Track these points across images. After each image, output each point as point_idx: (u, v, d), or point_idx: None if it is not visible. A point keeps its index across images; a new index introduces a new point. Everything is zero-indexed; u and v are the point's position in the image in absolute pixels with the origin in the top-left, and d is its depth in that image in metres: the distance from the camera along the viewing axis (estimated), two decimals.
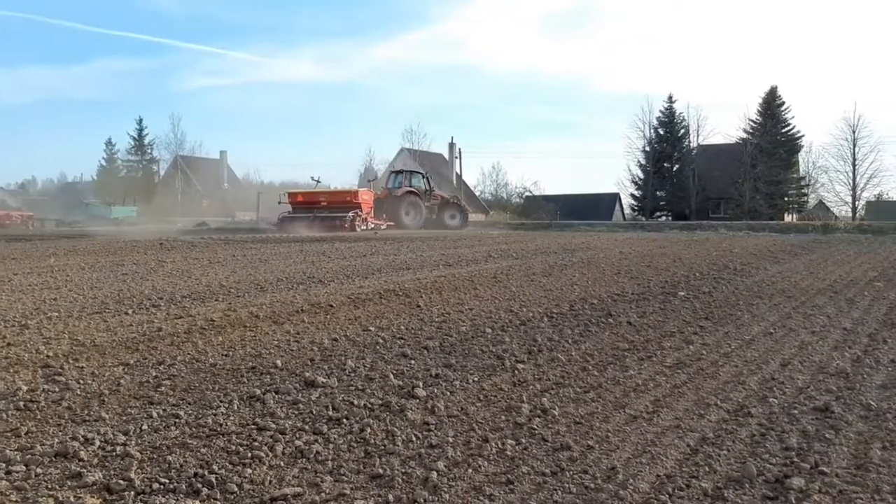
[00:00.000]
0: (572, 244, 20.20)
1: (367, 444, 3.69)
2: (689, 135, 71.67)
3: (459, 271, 11.86)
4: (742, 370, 5.26)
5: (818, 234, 33.81)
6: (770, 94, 69.27)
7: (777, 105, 69.03)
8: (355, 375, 5.01)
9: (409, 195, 36.67)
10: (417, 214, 36.09)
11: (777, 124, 68.35)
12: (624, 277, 11.30)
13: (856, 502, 2.99)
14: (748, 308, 8.16)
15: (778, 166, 65.53)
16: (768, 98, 69.27)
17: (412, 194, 36.84)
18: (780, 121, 68.74)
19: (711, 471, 3.34)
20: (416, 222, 35.69)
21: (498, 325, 6.95)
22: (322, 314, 7.47)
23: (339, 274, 11.25)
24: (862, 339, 6.38)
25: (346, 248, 17.56)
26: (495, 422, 4.05)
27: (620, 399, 4.51)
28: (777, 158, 65.59)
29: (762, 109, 69.20)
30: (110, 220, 50.60)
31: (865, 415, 4.19)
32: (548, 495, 3.08)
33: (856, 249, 18.96)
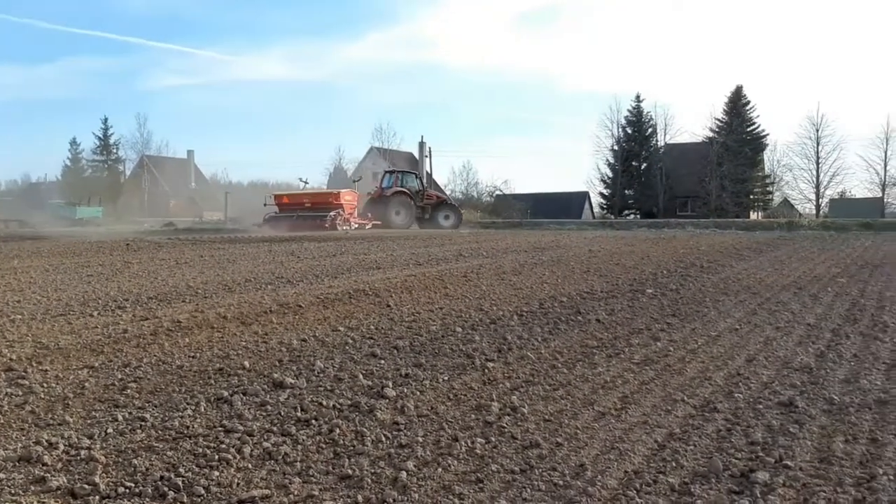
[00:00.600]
0: (542, 243, 20.30)
1: (336, 444, 3.68)
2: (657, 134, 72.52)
3: (430, 270, 11.86)
4: (708, 366, 5.32)
5: (783, 231, 34.35)
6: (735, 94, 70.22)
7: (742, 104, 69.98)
8: (324, 376, 4.99)
9: (398, 195, 36.77)
10: (407, 214, 36.26)
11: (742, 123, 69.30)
12: (593, 275, 11.38)
13: (819, 495, 3.04)
14: (714, 305, 8.27)
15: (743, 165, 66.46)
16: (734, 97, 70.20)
17: (402, 194, 36.90)
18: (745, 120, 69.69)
19: (678, 466, 3.38)
20: (406, 222, 35.84)
21: (468, 324, 6.96)
22: (290, 315, 7.42)
23: (308, 274, 11.19)
24: (825, 335, 6.49)
25: (316, 248, 17.47)
26: (465, 421, 4.05)
27: (589, 396, 4.54)
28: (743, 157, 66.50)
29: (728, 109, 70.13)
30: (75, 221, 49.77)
31: (828, 409, 4.27)
32: (517, 493, 3.09)
33: (819, 246, 19.29)
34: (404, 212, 36.21)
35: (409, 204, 36.62)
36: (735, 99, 70.08)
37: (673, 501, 3.02)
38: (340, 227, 31.01)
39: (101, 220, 53.55)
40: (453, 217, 38.44)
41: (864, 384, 4.78)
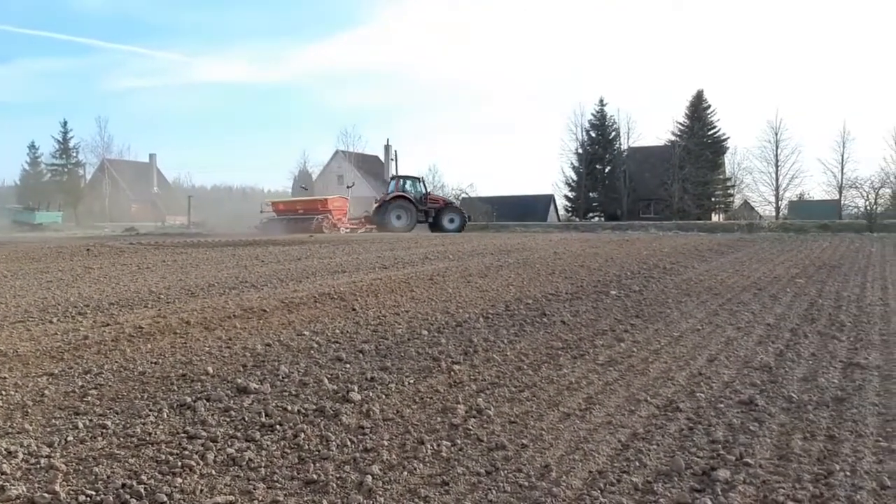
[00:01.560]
0: (508, 245, 20.38)
1: (300, 449, 3.66)
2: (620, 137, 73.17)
3: (396, 273, 11.84)
4: (671, 366, 5.39)
5: (744, 233, 34.91)
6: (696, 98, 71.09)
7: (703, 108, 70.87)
8: (289, 381, 4.96)
9: (397, 199, 37.60)
10: (408, 218, 36.91)
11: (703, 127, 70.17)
12: (558, 277, 11.45)
13: (778, 492, 3.10)
14: (677, 305, 8.38)
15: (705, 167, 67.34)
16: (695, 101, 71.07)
17: (401, 198, 37.63)
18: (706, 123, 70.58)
19: (642, 465, 3.42)
20: (406, 226, 36.45)
21: (434, 327, 6.97)
22: (255, 319, 7.36)
23: (273, 278, 11.10)
24: (784, 334, 6.61)
25: (280, 252, 17.33)
26: (431, 423, 4.05)
27: (554, 397, 4.57)
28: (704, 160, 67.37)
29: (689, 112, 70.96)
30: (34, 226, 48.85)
31: (787, 407, 4.35)
32: (482, 495, 3.10)
33: (779, 247, 19.64)
34: (405, 216, 36.93)
35: (409, 208, 37.25)
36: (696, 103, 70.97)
37: (637, 500, 3.06)
38: (328, 230, 33.38)
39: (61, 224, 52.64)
40: (458, 220, 38.49)
41: (821, 382, 4.89)
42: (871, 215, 44.33)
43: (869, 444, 3.67)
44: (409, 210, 37.16)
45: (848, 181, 62.19)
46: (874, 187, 57.00)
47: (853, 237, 27.24)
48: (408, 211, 37.12)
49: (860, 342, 6.25)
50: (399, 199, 37.66)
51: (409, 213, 37.09)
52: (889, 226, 37.76)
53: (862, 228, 36.54)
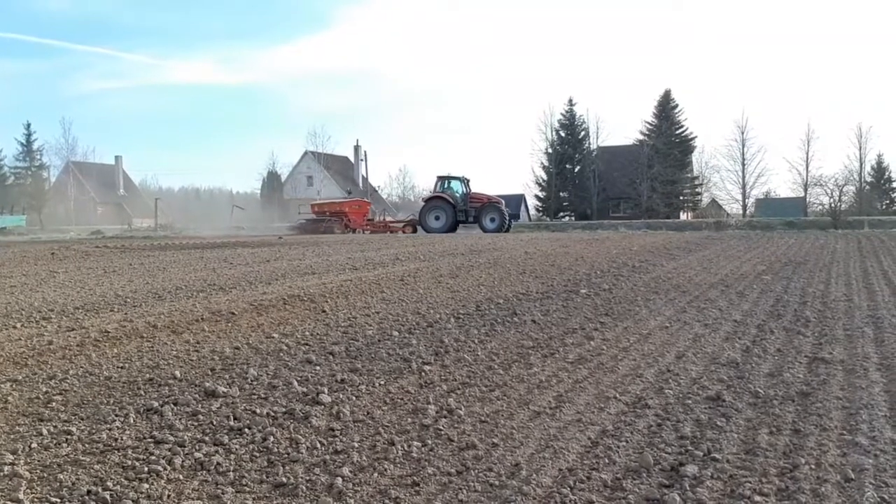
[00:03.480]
0: (479, 245, 20.42)
1: (270, 453, 3.63)
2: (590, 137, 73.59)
3: (366, 275, 11.80)
4: (640, 363, 5.44)
5: (711, 230, 35.36)
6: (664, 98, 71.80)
7: (671, 108, 71.61)
8: (258, 384, 4.91)
9: (434, 200, 37.95)
10: (445, 219, 37.10)
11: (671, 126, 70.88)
12: (529, 277, 11.50)
13: (745, 486, 3.14)
14: (646, 303, 8.45)
15: (673, 166, 68.02)
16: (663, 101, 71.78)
17: (439, 199, 37.81)
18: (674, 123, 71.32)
19: (611, 462, 3.44)
20: (443, 226, 36.65)
21: (405, 328, 6.95)
22: (223, 322, 7.29)
23: (242, 280, 11.01)
24: (751, 330, 6.70)
25: (249, 254, 17.20)
26: (402, 424, 4.04)
27: (525, 396, 4.58)
28: (672, 159, 68.05)
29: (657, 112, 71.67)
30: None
31: (754, 402, 4.40)
32: (453, 495, 3.10)
33: (746, 245, 19.90)
34: (443, 216, 37.16)
35: (446, 208, 37.34)
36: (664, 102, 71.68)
37: (606, 497, 3.08)
38: (339, 231, 36.40)
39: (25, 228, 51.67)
40: (498, 219, 37.55)
41: (787, 377, 4.96)
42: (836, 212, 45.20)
43: (833, 438, 3.72)
44: (446, 211, 37.20)
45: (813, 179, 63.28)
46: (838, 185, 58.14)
47: (818, 234, 27.71)
48: (445, 211, 37.17)
49: (825, 337, 6.35)
50: (436, 200, 37.78)
51: (446, 213, 37.13)
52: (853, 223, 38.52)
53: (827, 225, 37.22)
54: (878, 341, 6.14)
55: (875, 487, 3.09)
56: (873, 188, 67.09)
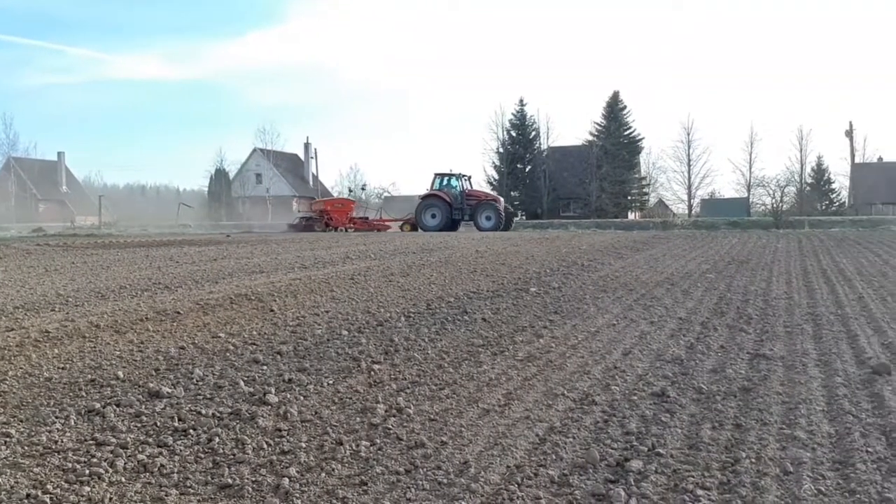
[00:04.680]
0: (431, 244, 20.42)
1: (215, 454, 3.57)
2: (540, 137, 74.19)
3: (316, 273, 11.70)
4: (588, 360, 5.50)
5: (658, 230, 35.99)
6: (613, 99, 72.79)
7: (619, 109, 72.63)
8: (203, 384, 4.83)
9: (430, 198, 37.48)
10: (441, 216, 36.67)
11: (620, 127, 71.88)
12: (480, 275, 11.54)
13: (688, 480, 3.20)
14: (594, 301, 8.55)
15: (621, 167, 69.06)
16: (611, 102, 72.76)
17: (434, 197, 37.39)
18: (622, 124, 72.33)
19: (558, 458, 3.47)
20: (438, 224, 36.20)
21: (354, 327, 6.92)
22: (168, 322, 7.15)
23: (188, 279, 10.81)
24: (695, 328, 6.83)
25: (196, 253, 16.91)
26: (350, 424, 4.02)
27: (474, 394, 4.60)
28: (620, 160, 69.07)
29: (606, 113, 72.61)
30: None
31: (697, 398, 4.49)
32: (401, 494, 3.09)
33: (691, 244, 20.30)
34: (439, 214, 36.75)
35: (442, 206, 36.90)
36: (612, 104, 72.64)
37: (553, 493, 3.10)
38: (318, 229, 36.65)
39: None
40: (494, 217, 36.61)
41: (729, 373, 5.07)
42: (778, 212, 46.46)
43: (773, 432, 3.82)
44: (442, 209, 36.77)
45: (756, 180, 64.92)
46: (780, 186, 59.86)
47: (761, 233, 28.41)
48: (441, 210, 36.75)
49: (766, 334, 6.51)
50: (431, 198, 37.33)
51: (442, 211, 36.71)
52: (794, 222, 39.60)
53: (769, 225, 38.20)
54: (817, 338, 6.32)
55: (812, 480, 3.17)
56: (813, 189, 69.07)
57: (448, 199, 37.20)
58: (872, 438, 3.69)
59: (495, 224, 36.06)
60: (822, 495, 3.03)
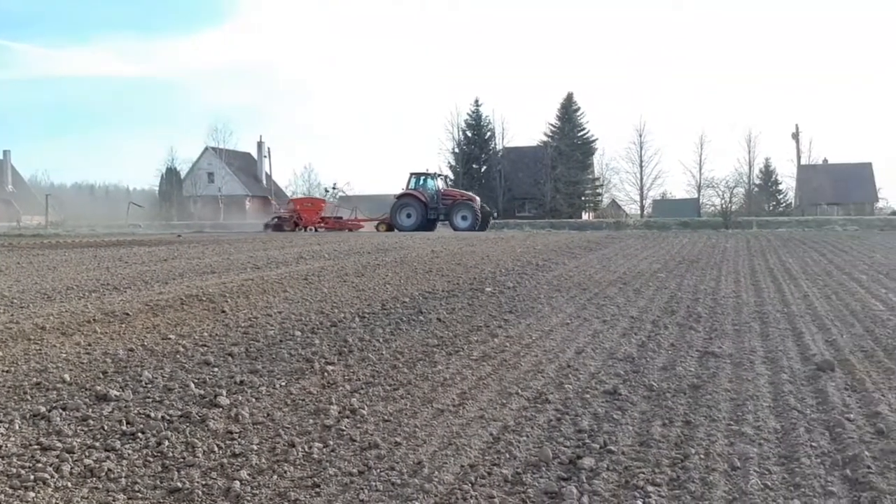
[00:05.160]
0: (386, 244, 20.36)
1: (164, 457, 3.51)
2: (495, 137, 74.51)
3: (269, 274, 11.58)
4: (542, 359, 5.54)
5: (611, 230, 36.47)
6: (567, 100, 73.48)
7: (573, 110, 73.35)
8: (152, 387, 4.74)
9: (405, 197, 36.94)
10: (416, 215, 36.17)
11: (574, 129, 72.60)
12: (435, 275, 11.54)
13: (639, 477, 3.24)
14: (548, 301, 8.62)
15: (575, 168, 69.76)
16: (565, 104, 73.44)
17: (409, 196, 36.87)
18: (576, 125, 73.05)
19: (512, 457, 3.49)
20: (413, 224, 35.64)
21: (308, 328, 6.86)
22: (117, 323, 7.01)
23: (137, 280, 10.61)
24: (646, 326, 6.93)
25: (146, 253, 16.61)
26: (303, 426, 3.98)
27: (429, 394, 4.60)
28: (574, 160, 69.76)
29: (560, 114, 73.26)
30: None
31: (648, 395, 4.56)
32: (354, 495, 3.07)
33: (643, 244, 20.59)
34: (414, 214, 36.27)
35: (417, 206, 36.42)
36: (567, 105, 73.31)
37: (506, 492, 3.12)
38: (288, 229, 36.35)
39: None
40: (471, 217, 35.70)
41: (679, 371, 5.15)
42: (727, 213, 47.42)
43: (721, 428, 3.89)
44: (417, 209, 36.30)
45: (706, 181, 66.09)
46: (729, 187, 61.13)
47: (710, 233, 28.96)
48: (416, 209, 36.27)
49: (715, 332, 6.63)
50: (407, 197, 36.81)
51: (417, 211, 36.24)
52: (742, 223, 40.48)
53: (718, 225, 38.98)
54: (764, 335, 6.47)
55: (759, 475, 3.24)
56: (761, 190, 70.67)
57: (423, 199, 36.85)
58: (817, 433, 3.79)
59: (471, 224, 35.50)
60: (768, 490, 3.10)
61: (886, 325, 6.77)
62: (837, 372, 5.03)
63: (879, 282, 10.19)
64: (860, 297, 8.59)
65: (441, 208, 36.98)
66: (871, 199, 66.27)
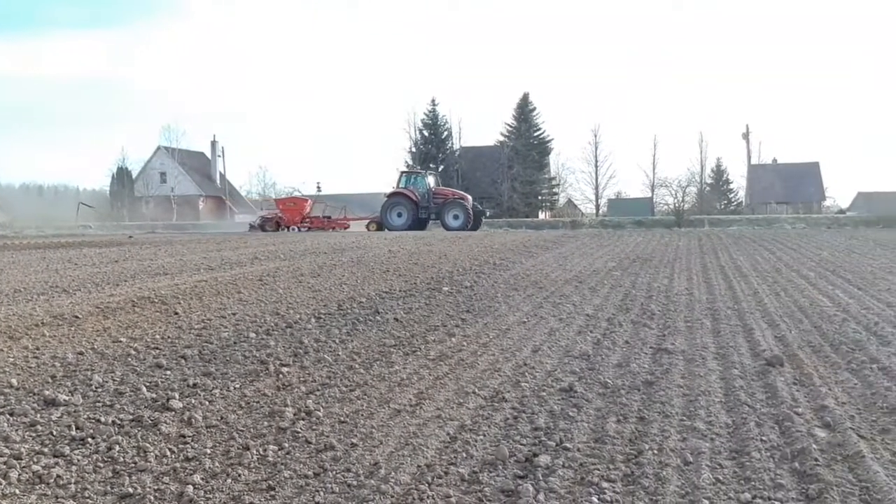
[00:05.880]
0: (343, 244, 20.24)
1: (115, 462, 3.44)
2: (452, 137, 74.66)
3: (222, 275, 11.42)
4: (498, 358, 5.56)
5: (567, 229, 36.79)
6: (523, 100, 73.95)
7: (529, 110, 73.86)
8: (103, 390, 4.65)
9: (395, 196, 36.12)
10: (407, 215, 35.42)
11: (530, 128, 73.13)
12: (392, 275, 11.51)
13: (593, 473, 3.28)
14: (505, 300, 8.66)
15: (532, 167, 70.26)
16: (522, 104, 73.92)
17: (399, 195, 36.02)
18: (532, 125, 73.59)
19: (469, 456, 3.50)
20: (404, 223, 34.91)
21: (263, 329, 6.79)
22: (66, 326, 6.84)
23: (87, 282, 10.37)
24: (601, 324, 7.01)
25: (97, 254, 16.25)
26: (257, 428, 3.94)
27: (385, 395, 4.58)
28: (531, 160, 70.26)
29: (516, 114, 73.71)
30: None
31: (603, 392, 4.61)
32: (310, 497, 3.05)
33: (598, 242, 20.81)
34: (405, 213, 35.50)
35: (408, 205, 35.63)
36: (523, 105, 73.76)
37: (463, 491, 3.13)
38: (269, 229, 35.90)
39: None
40: (462, 217, 34.84)
41: (633, 367, 5.22)
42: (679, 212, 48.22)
43: (674, 424, 3.96)
44: (408, 208, 35.56)
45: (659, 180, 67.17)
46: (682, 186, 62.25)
47: (663, 232, 29.39)
48: (407, 209, 35.53)
49: (668, 329, 6.74)
50: (397, 196, 36.00)
51: (408, 210, 35.50)
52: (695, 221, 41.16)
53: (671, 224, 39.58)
54: (716, 332, 6.59)
55: (711, 469, 3.31)
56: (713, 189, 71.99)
57: (414, 198, 36.17)
58: (766, 427, 3.87)
59: (463, 223, 34.85)
60: (720, 483, 3.16)
61: (833, 320, 6.95)
62: (786, 367, 5.15)
63: (826, 279, 10.46)
64: (808, 294, 8.80)
65: (432, 207, 36.36)
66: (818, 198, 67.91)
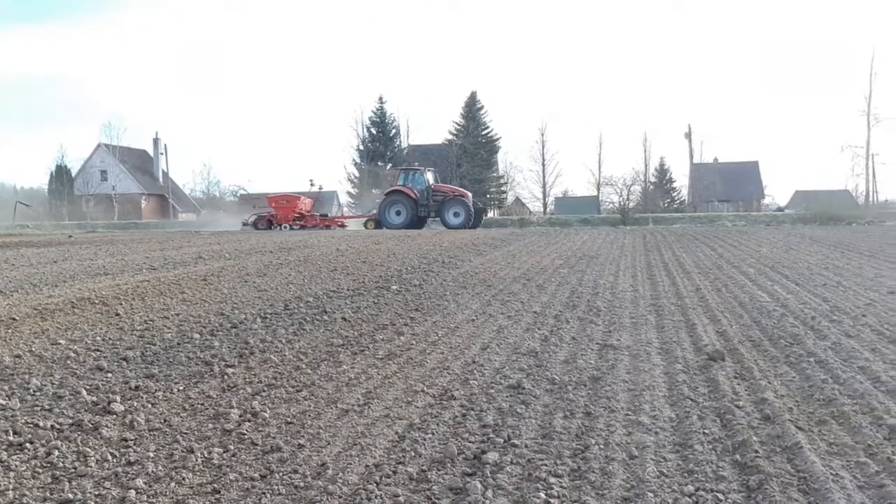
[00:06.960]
0: (289, 243, 20.02)
1: (54, 468, 3.35)
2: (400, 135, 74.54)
3: (166, 275, 11.20)
4: (447, 356, 5.57)
5: (516, 227, 37.10)
6: (471, 99, 74.22)
7: (477, 109, 74.16)
8: (41, 394, 4.52)
9: (394, 194, 35.33)
10: (406, 213, 34.62)
11: (478, 127, 73.45)
12: (340, 274, 11.43)
13: (541, 469, 3.31)
14: (454, 298, 8.68)
15: (480, 166, 70.61)
16: (469, 102, 74.18)
17: (398, 193, 35.19)
18: (480, 124, 73.91)
19: (417, 455, 3.50)
20: (403, 221, 34.17)
21: (207, 330, 6.67)
22: (2, 329, 6.62)
23: (25, 283, 10.06)
24: (549, 321, 7.08)
25: (35, 254, 15.77)
26: (202, 431, 3.87)
27: (333, 395, 4.55)
28: (479, 159, 70.60)
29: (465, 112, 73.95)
30: None
31: (551, 388, 4.66)
32: (256, 500, 3.01)
33: (546, 241, 21.01)
34: (404, 211, 34.69)
35: (407, 203, 34.79)
36: (471, 103, 74.03)
37: (411, 490, 3.12)
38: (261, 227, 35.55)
39: None
40: (464, 214, 34.10)
41: (580, 363, 5.28)
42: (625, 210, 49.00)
43: (620, 419, 4.02)
44: (406, 205, 34.76)
45: (605, 179, 68.17)
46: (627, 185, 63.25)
47: (609, 230, 29.83)
48: (406, 206, 34.73)
49: (613, 325, 6.84)
50: (396, 194, 35.21)
51: (407, 208, 34.72)
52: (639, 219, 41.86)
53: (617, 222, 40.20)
54: (659, 327, 6.71)
55: (655, 462, 3.37)
56: (657, 188, 73.28)
57: (413, 196, 35.48)
58: (709, 421, 3.96)
59: (464, 221, 34.25)
60: (664, 476, 3.22)
61: (772, 315, 7.14)
62: (727, 361, 5.27)
63: (766, 275, 10.74)
64: (748, 290, 9.03)
65: (432, 205, 35.71)
66: (758, 196, 69.80)
